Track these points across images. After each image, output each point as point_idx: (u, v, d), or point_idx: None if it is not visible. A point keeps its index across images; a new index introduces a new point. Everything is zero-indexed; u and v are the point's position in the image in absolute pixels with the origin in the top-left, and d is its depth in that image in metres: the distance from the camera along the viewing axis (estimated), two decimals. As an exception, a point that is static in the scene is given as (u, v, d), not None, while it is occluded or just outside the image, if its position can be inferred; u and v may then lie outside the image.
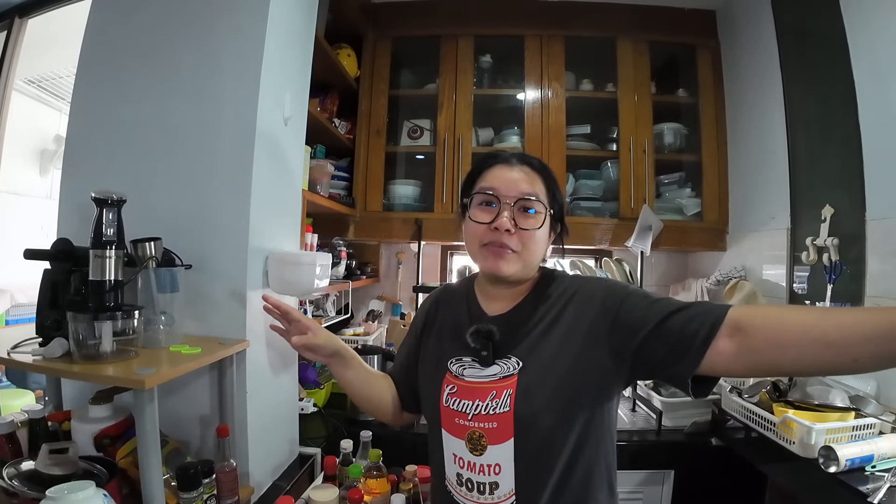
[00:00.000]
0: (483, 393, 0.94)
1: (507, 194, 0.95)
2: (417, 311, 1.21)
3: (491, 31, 2.52)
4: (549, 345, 0.93)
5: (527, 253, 0.95)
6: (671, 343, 0.81)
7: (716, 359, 0.77)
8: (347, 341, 2.24)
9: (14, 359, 1.03)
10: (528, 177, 0.96)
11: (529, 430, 0.89)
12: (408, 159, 2.69)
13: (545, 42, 2.46)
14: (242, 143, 1.28)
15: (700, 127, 2.49)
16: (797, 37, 2.03)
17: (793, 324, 0.72)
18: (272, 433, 1.42)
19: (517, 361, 0.93)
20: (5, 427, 1.15)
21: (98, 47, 1.40)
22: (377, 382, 1.16)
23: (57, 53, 2.72)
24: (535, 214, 0.95)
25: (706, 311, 0.79)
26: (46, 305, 1.11)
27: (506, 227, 0.93)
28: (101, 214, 1.03)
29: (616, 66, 2.47)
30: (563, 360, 0.91)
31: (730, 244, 2.43)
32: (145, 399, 0.91)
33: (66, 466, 1.04)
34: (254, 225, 1.28)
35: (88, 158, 1.38)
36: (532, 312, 0.98)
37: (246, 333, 1.26)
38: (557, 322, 0.94)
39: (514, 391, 0.91)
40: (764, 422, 1.60)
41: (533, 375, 0.91)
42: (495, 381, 0.94)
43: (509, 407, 0.90)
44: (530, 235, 0.94)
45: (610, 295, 0.92)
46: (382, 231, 2.50)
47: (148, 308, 1.10)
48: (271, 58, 1.32)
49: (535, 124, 2.42)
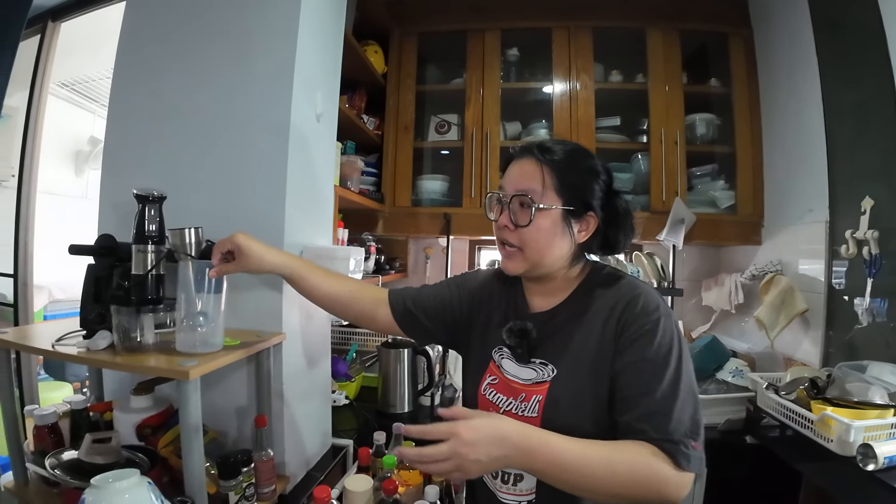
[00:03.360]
0: (516, 393, 0.95)
1: (507, 191, 0.95)
2: (477, 278, 1.17)
3: (517, 24, 2.49)
4: (583, 358, 0.91)
5: (529, 250, 0.94)
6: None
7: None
8: (378, 336, 2.26)
9: (59, 351, 1.05)
10: (530, 170, 0.93)
11: None
12: (435, 154, 2.68)
13: (573, 34, 2.42)
14: (276, 140, 1.29)
15: (733, 117, 2.42)
16: (833, 24, 1.96)
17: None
18: (306, 424, 1.44)
19: (552, 369, 0.93)
20: (49, 418, 1.18)
21: (133, 48, 1.43)
22: (343, 289, 1.15)
23: (89, 57, 2.79)
24: (527, 209, 0.92)
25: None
26: (90, 299, 1.14)
27: (503, 224, 0.95)
28: (143, 210, 1.05)
29: (646, 56, 2.42)
30: (592, 378, 0.89)
31: (765, 238, 2.36)
32: (189, 389, 0.92)
33: (109, 455, 1.07)
34: (289, 220, 1.29)
35: (126, 158, 1.41)
36: (573, 314, 0.96)
37: (282, 326, 1.28)
38: (594, 333, 0.92)
39: (543, 399, 0.91)
40: (801, 419, 1.56)
41: (563, 388, 0.91)
42: (528, 384, 0.94)
43: (537, 413, 0.91)
44: (527, 232, 0.92)
45: (640, 336, 0.87)
46: (411, 226, 2.51)
47: (185, 306, 1.06)
48: (303, 56, 1.33)
49: (563, 117, 2.39)
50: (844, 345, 1.81)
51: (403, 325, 1.14)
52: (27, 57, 2.25)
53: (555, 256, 0.95)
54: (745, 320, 2.42)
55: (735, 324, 2.52)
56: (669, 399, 0.81)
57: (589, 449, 0.77)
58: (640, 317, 0.88)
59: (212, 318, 1.04)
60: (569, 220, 0.93)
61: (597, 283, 0.98)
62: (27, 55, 2.23)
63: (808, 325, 2.00)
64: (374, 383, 2.08)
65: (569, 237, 0.94)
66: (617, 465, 0.76)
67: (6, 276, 2.20)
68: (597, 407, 0.88)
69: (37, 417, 1.18)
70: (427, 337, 1.18)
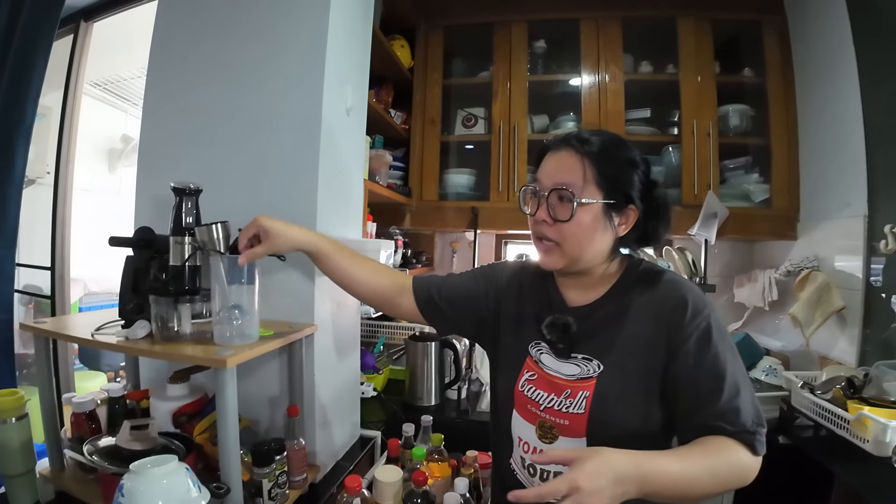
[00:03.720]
0: (559, 389, 0.93)
1: (544, 185, 0.93)
2: (506, 270, 1.15)
3: (544, 15, 2.46)
4: (631, 355, 0.90)
5: (568, 245, 0.92)
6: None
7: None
8: (405, 329, 2.27)
9: (99, 340, 1.07)
10: (568, 162, 0.91)
11: (603, 436, 0.88)
12: (461, 148, 2.67)
13: (601, 24, 2.38)
14: (308, 134, 1.30)
15: (768, 108, 2.34)
16: (870, 8, 1.89)
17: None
18: (336, 415, 1.45)
19: (598, 364, 0.91)
20: (87, 405, 1.20)
21: (165, 47, 1.45)
22: (367, 271, 1.13)
23: (121, 57, 2.84)
24: (567, 204, 0.89)
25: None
26: (128, 290, 1.16)
27: (542, 219, 0.92)
28: (180, 203, 1.07)
29: (677, 46, 2.36)
30: (641, 375, 0.88)
31: (800, 233, 2.28)
32: (226, 378, 0.93)
33: (146, 442, 1.09)
34: (321, 214, 1.30)
35: (161, 154, 1.43)
36: (615, 310, 0.94)
37: (314, 318, 1.29)
38: (640, 329, 0.90)
39: (590, 395, 0.89)
40: (837, 419, 1.53)
41: (611, 384, 0.89)
42: (573, 380, 0.92)
43: (584, 410, 0.89)
44: (566, 227, 0.90)
45: (695, 336, 0.86)
46: (437, 220, 2.50)
47: (219, 300, 1.06)
48: (333, 50, 1.34)
49: (592, 110, 2.36)
50: (882, 343, 1.75)
51: (427, 314, 1.12)
52: (61, 57, 2.30)
53: (595, 251, 0.93)
54: (779, 318, 2.36)
55: (768, 321, 2.45)
56: (736, 392, 0.82)
57: (692, 461, 0.77)
58: (694, 317, 0.87)
59: (247, 311, 1.05)
60: (610, 213, 0.91)
61: (636, 278, 0.96)
62: (61, 55, 2.28)
63: (844, 322, 1.94)
64: (400, 376, 2.09)
65: (610, 231, 0.92)
66: (716, 468, 0.78)
67: (44, 268, 2.26)
68: (646, 403, 0.88)
69: (75, 405, 1.20)
70: (450, 328, 1.16)
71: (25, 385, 2.49)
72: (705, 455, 0.79)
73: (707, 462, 0.78)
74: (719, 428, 0.81)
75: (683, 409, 0.86)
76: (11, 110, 1.90)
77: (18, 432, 1.08)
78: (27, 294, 2.60)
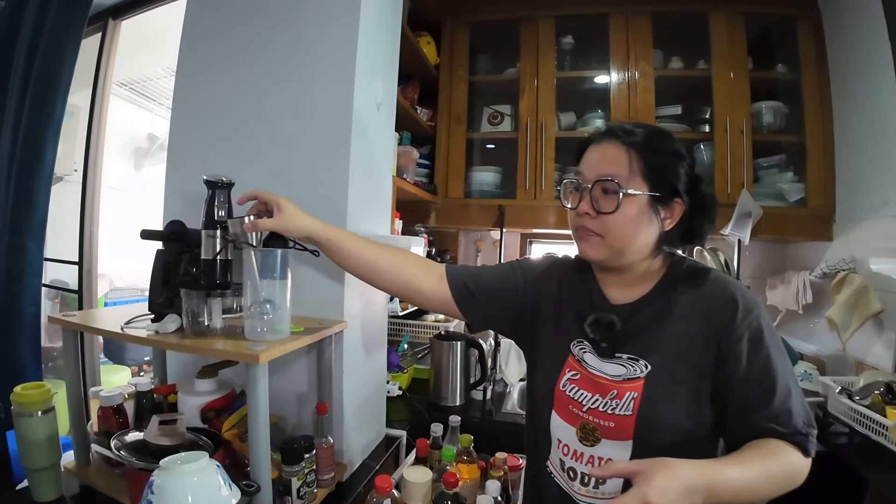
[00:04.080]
0: (604, 390, 0.90)
1: (587, 177, 0.90)
2: (542, 264, 1.11)
3: (572, 11, 2.42)
4: (680, 355, 0.87)
5: (612, 238, 0.89)
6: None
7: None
8: (430, 327, 2.25)
9: (129, 333, 1.06)
10: (613, 153, 0.89)
11: (651, 438, 0.85)
12: (486, 145, 2.64)
13: (630, 19, 2.33)
14: (339, 129, 1.28)
15: (802, 105, 2.27)
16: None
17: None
18: (363, 413, 1.43)
19: (645, 364, 0.88)
20: (115, 399, 1.19)
21: (195, 41, 1.45)
22: (385, 255, 1.08)
23: (146, 57, 2.87)
24: (612, 196, 0.87)
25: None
26: (159, 284, 1.15)
27: (584, 211, 0.90)
28: (212, 196, 1.06)
29: (708, 41, 2.30)
30: (691, 376, 0.86)
31: (836, 233, 2.21)
32: (258, 374, 0.91)
33: (174, 437, 1.07)
34: (351, 210, 1.28)
35: (190, 149, 1.43)
36: (660, 309, 0.91)
37: (344, 314, 1.27)
38: (687, 329, 0.88)
39: (638, 396, 0.86)
40: (875, 425, 1.50)
41: (659, 385, 0.86)
42: (619, 381, 0.89)
43: (632, 412, 0.86)
44: (611, 219, 0.87)
45: (747, 336, 0.84)
46: (463, 218, 2.47)
47: (251, 294, 1.03)
48: (364, 44, 1.31)
49: (621, 106, 2.31)
50: (920, 348, 1.69)
51: (461, 304, 1.07)
52: (88, 56, 2.32)
53: (639, 245, 0.90)
54: (814, 321, 2.29)
55: (803, 325, 2.38)
56: (787, 393, 0.81)
57: (751, 466, 0.76)
58: (745, 316, 0.85)
59: (278, 306, 1.03)
60: (655, 206, 0.88)
61: (681, 275, 0.93)
62: (88, 54, 2.30)
63: (881, 326, 1.88)
64: (425, 375, 2.07)
65: (655, 225, 0.89)
66: (772, 472, 0.77)
67: (71, 263, 2.28)
68: (695, 405, 0.85)
69: (102, 398, 1.19)
70: (485, 321, 1.12)
71: (51, 378, 2.53)
72: (762, 459, 0.77)
73: (765, 466, 0.76)
74: (772, 430, 0.79)
75: (734, 410, 0.84)
76: (41, 106, 1.92)
77: (44, 426, 1.08)
78: (54, 288, 2.63)
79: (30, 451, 1.07)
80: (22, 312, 1.93)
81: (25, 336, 1.95)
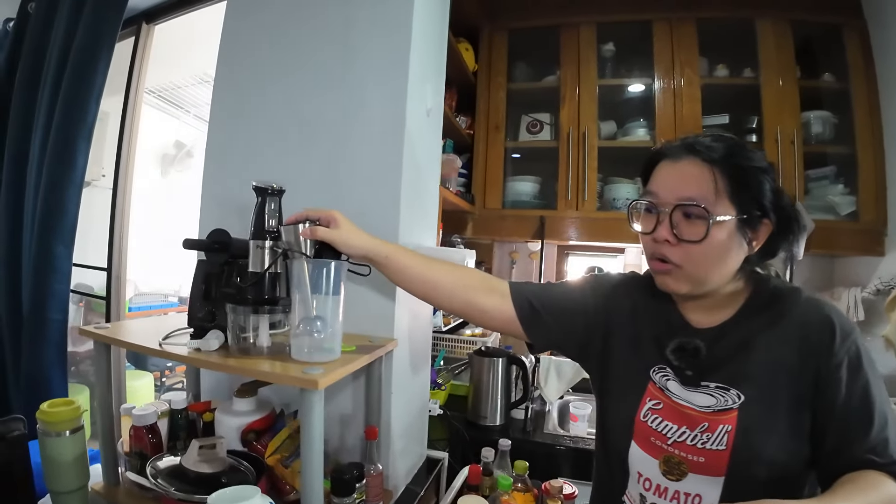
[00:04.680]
0: (692, 421, 0.82)
1: (665, 199, 0.81)
2: (612, 282, 1.03)
3: (614, 17, 2.36)
4: (776, 384, 0.80)
5: (693, 267, 0.81)
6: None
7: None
8: (467, 342, 2.17)
9: (168, 350, 0.99)
10: (694, 172, 0.80)
11: (746, 474, 0.78)
12: (524, 155, 2.57)
13: (675, 26, 2.26)
14: (391, 135, 1.21)
15: (852, 115, 2.18)
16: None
17: None
18: (408, 435, 1.36)
19: (737, 394, 0.80)
20: (148, 418, 1.12)
21: (234, 44, 1.40)
22: (446, 272, 1.01)
23: (174, 64, 2.85)
24: (700, 221, 0.78)
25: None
26: (199, 297, 1.09)
27: (664, 238, 0.81)
28: (262, 204, 0.99)
29: (754, 48, 2.22)
30: (789, 407, 0.79)
31: (889, 248, 2.10)
32: (314, 400, 0.83)
33: (215, 464, 1.01)
34: (403, 221, 1.21)
35: (228, 157, 1.37)
36: (749, 333, 0.83)
37: (394, 332, 1.20)
38: (782, 354, 0.80)
39: (733, 429, 0.79)
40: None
41: (755, 417, 0.79)
42: (709, 412, 0.81)
43: (726, 446, 0.78)
44: (695, 248, 0.79)
45: (846, 362, 0.78)
46: (501, 229, 2.40)
47: (301, 310, 0.94)
48: (416, 47, 1.25)
49: (666, 115, 2.23)
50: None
51: (525, 324, 0.99)
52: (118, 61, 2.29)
53: (724, 273, 0.82)
54: (867, 339, 2.18)
55: (855, 343, 2.27)
56: (885, 422, 0.76)
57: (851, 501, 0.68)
58: (843, 340, 0.78)
59: (329, 323, 0.95)
60: (744, 229, 0.80)
61: (768, 297, 0.85)
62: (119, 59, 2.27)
63: (938, 345, 1.77)
64: (461, 392, 1.99)
65: (743, 250, 0.81)
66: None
67: (100, 269, 2.24)
68: (792, 437, 0.78)
69: (135, 417, 1.11)
70: (550, 343, 1.04)
71: (73, 382, 2.48)
72: (865, 495, 0.71)
73: (867, 502, 0.70)
74: (870, 461, 0.74)
75: (832, 442, 0.77)
76: (73, 109, 1.88)
77: (73, 446, 1.00)
78: (80, 294, 2.58)
79: (56, 473, 0.99)
80: (48, 319, 1.88)
81: (51, 344, 1.89)
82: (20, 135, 2.04)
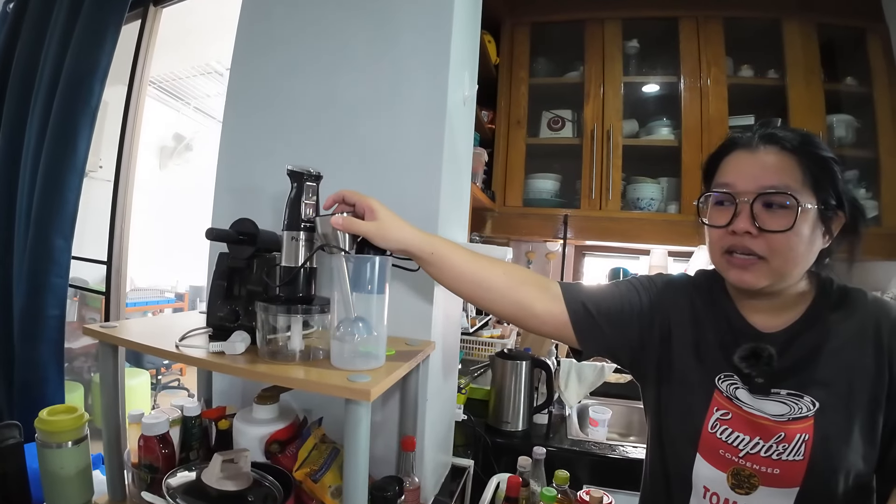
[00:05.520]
0: (766, 432, 0.78)
1: (745, 189, 0.77)
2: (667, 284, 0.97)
3: (640, 13, 2.30)
4: (852, 389, 0.76)
5: (778, 260, 0.76)
6: None
7: None
8: (485, 344, 2.10)
9: (187, 354, 0.87)
10: (776, 161, 0.76)
11: (824, 486, 0.75)
12: (545, 151, 2.50)
13: (702, 24, 2.21)
14: (431, 124, 1.12)
15: (874, 119, 2.15)
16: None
17: None
18: (438, 443, 1.27)
19: (811, 401, 0.76)
20: (160, 427, 1.00)
21: (256, 23, 1.30)
22: (496, 271, 0.93)
23: (174, 55, 2.77)
24: (783, 211, 0.74)
25: None
26: (221, 294, 1.00)
27: (744, 230, 0.76)
28: (298, 191, 0.89)
29: (780, 49, 2.19)
30: (867, 412, 0.76)
31: (911, 253, 2.07)
32: (361, 413, 0.74)
33: (239, 480, 0.90)
34: (442, 214, 1.12)
35: (246, 145, 1.28)
36: (818, 336, 0.79)
37: (431, 334, 1.11)
38: (855, 358, 0.77)
39: (810, 439, 0.75)
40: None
41: (832, 424, 0.75)
42: (783, 422, 0.77)
43: (803, 456, 0.75)
44: (780, 238, 0.74)
45: None
46: (521, 227, 2.34)
47: (340, 310, 0.86)
48: (458, 29, 1.16)
49: (692, 114, 2.18)
50: None
51: (580, 331, 0.92)
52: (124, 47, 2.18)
53: (805, 266, 0.78)
54: (889, 347, 2.15)
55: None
56: None
57: None
58: None
59: (373, 326, 0.86)
60: (823, 221, 0.76)
61: (835, 297, 0.82)
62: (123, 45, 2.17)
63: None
64: (480, 395, 1.92)
65: (820, 243, 0.78)
66: None
67: (99, 262, 2.13)
68: (868, 445, 0.76)
69: (145, 426, 1.00)
70: (602, 348, 0.96)
71: (67, 380, 2.35)
72: None
73: None
74: None
75: None
76: (76, 92, 1.78)
77: (76, 458, 0.91)
78: (78, 288, 2.47)
79: (56, 489, 0.90)
80: (45, 315, 1.77)
81: (48, 341, 1.79)
82: (15, 116, 1.94)
